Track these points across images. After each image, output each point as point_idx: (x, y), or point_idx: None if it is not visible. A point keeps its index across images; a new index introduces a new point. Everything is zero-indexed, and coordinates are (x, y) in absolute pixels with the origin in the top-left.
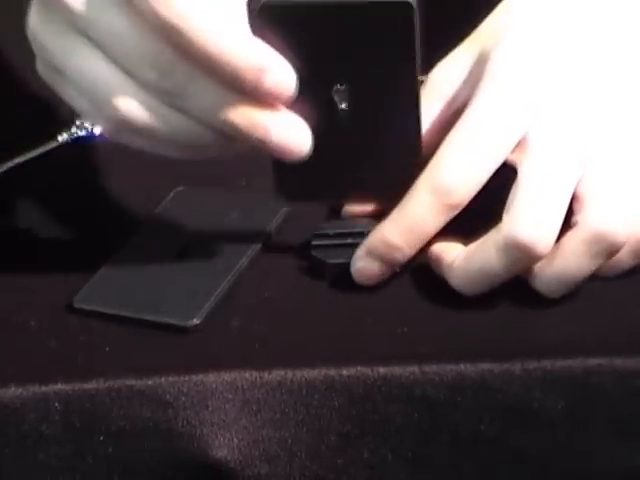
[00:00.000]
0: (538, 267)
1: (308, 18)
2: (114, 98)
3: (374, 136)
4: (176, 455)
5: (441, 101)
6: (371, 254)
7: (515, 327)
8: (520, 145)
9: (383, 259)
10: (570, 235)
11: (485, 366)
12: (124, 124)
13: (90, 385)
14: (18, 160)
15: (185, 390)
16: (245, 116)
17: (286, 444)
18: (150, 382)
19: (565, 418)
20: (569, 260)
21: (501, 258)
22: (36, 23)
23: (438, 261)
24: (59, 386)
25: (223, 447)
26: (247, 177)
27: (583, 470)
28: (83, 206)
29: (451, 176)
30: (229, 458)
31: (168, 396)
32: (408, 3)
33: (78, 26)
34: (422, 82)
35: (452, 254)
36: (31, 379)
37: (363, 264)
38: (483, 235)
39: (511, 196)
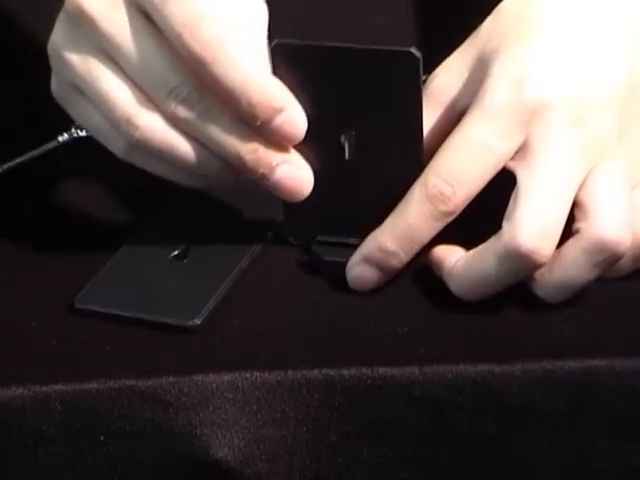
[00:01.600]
0: (539, 274)
1: (318, 59)
2: (132, 118)
3: (377, 181)
4: (177, 455)
5: (440, 107)
6: (367, 261)
7: (515, 327)
8: (520, 151)
9: (379, 265)
10: (571, 243)
11: (485, 366)
12: (137, 145)
13: (90, 385)
14: (18, 160)
15: (185, 390)
16: (253, 150)
17: (286, 443)
18: (150, 382)
19: (565, 418)
20: (570, 269)
21: (501, 266)
22: (61, 39)
23: (438, 265)
24: (60, 386)
25: (223, 447)
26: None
27: (583, 470)
28: (83, 206)
29: (445, 183)
30: (229, 458)
31: (168, 396)
32: (411, 53)
33: (105, 47)
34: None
35: (453, 259)
36: (32, 379)
37: (359, 270)
38: (483, 238)
39: (511, 203)
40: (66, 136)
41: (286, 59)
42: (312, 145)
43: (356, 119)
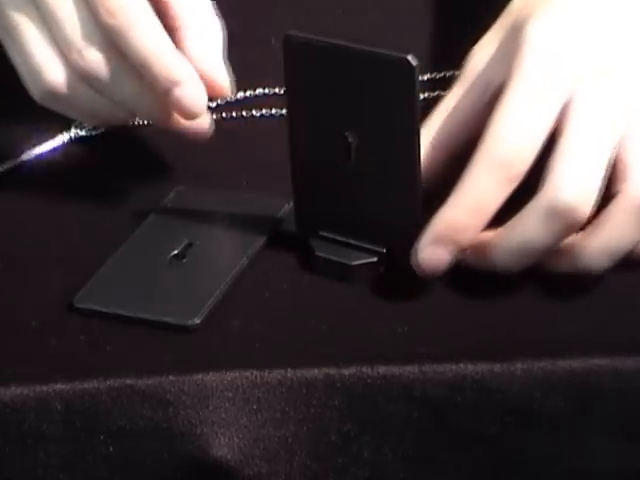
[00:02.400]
0: (582, 242)
1: (323, 56)
2: (45, 71)
3: (375, 182)
4: (176, 454)
5: (480, 85)
6: (436, 241)
7: (515, 327)
8: (562, 112)
9: (450, 243)
10: (613, 206)
11: (485, 366)
12: (50, 95)
13: (90, 384)
14: (18, 160)
15: (185, 389)
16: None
17: (286, 443)
18: (150, 381)
19: (565, 418)
20: (613, 232)
21: (542, 227)
22: None
23: (475, 249)
24: (59, 385)
25: (223, 446)
26: (247, 177)
27: (583, 470)
28: (83, 206)
29: (510, 148)
30: (229, 457)
31: (168, 395)
32: (408, 60)
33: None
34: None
35: (487, 235)
36: (31, 378)
37: (429, 252)
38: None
39: (550, 163)
40: (66, 136)
41: (295, 52)
42: (317, 139)
43: (357, 119)
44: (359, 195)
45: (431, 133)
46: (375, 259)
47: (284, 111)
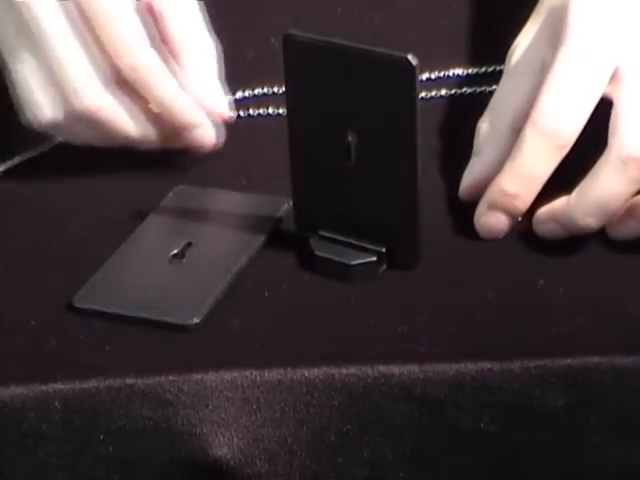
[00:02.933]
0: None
1: (323, 55)
2: (44, 108)
3: (375, 181)
4: (176, 454)
5: (533, 65)
6: (492, 207)
7: (515, 325)
8: (613, 77)
9: (505, 210)
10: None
11: (485, 364)
12: (49, 128)
13: (90, 384)
14: (18, 160)
15: (185, 389)
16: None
17: (286, 443)
18: (150, 381)
19: (564, 416)
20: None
21: (617, 178)
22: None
23: (550, 214)
24: (59, 385)
25: (223, 446)
26: (247, 177)
27: (582, 468)
28: (83, 206)
29: (556, 118)
30: (229, 457)
31: (168, 395)
32: (408, 59)
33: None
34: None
35: (560, 202)
36: (31, 378)
37: (486, 219)
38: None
39: (612, 120)
40: None
41: (295, 52)
42: (317, 139)
43: (357, 118)
44: (359, 195)
45: (495, 127)
46: (374, 258)
47: (284, 111)
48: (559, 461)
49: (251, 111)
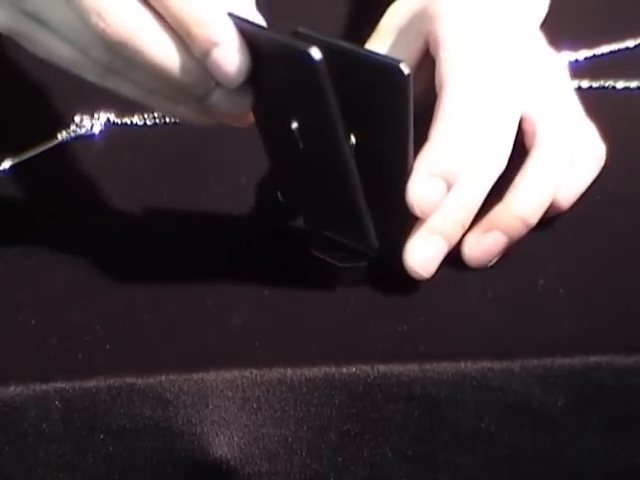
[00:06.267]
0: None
1: (326, 56)
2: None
3: (370, 184)
4: (176, 453)
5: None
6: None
7: (515, 325)
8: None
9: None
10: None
11: (485, 364)
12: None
13: (90, 383)
14: (18, 160)
15: (185, 388)
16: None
17: (286, 442)
18: (150, 380)
19: (565, 415)
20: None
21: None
22: None
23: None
24: (59, 384)
25: (223, 445)
26: (247, 177)
27: (582, 467)
28: (83, 205)
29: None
30: (229, 456)
31: (168, 394)
32: (400, 70)
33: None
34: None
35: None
36: (31, 377)
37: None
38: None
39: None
40: (66, 135)
41: None
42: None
43: (355, 121)
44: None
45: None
46: (364, 264)
47: None
48: (559, 460)
49: None
